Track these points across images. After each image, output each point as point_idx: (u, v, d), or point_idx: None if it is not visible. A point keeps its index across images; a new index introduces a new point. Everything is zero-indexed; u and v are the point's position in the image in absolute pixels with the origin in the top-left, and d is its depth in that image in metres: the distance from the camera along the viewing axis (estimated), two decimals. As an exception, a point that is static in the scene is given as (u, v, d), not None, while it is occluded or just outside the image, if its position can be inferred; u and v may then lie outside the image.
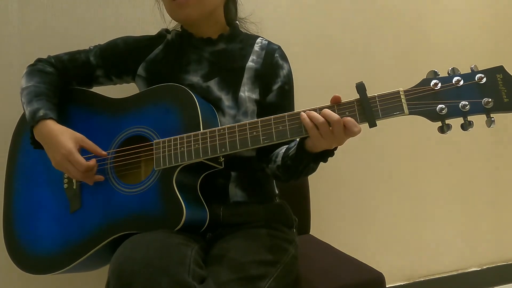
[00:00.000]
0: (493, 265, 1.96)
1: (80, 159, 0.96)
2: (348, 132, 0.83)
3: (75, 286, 1.38)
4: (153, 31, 1.18)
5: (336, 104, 0.85)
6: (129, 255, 0.80)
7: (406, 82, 0.88)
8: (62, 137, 0.97)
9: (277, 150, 1.07)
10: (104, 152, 1.01)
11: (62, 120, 1.03)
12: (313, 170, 0.98)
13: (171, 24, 1.21)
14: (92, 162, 0.97)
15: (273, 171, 1.06)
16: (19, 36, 1.35)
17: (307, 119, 0.85)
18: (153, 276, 0.76)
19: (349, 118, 0.83)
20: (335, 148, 0.91)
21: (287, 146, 1.03)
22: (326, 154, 0.91)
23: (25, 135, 1.11)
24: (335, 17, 1.69)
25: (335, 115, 0.83)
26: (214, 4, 1.08)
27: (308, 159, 0.92)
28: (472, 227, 1.92)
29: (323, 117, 0.83)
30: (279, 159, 1.02)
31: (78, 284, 1.39)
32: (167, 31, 1.18)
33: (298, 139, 0.93)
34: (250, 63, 1.11)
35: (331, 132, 0.83)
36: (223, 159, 0.99)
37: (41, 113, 0.99)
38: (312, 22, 1.66)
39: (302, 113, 0.86)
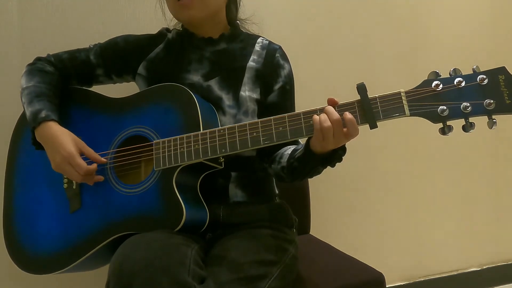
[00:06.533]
0: (493, 265, 1.96)
1: (81, 162, 0.96)
2: (348, 131, 0.83)
3: (75, 286, 1.39)
4: (153, 30, 1.18)
5: (336, 105, 0.86)
6: (129, 255, 0.80)
7: (408, 83, 0.88)
8: (64, 140, 0.97)
9: (281, 151, 1.07)
10: (103, 159, 1.00)
11: (62, 120, 1.03)
12: (319, 172, 0.98)
13: (172, 22, 1.21)
14: (93, 166, 0.97)
15: (276, 171, 1.06)
16: (19, 36, 1.34)
17: (316, 116, 0.85)
18: (153, 276, 0.76)
19: (350, 116, 0.83)
20: (344, 153, 0.91)
21: (293, 147, 1.03)
22: (334, 159, 0.91)
23: (25, 135, 1.11)
24: (335, 17, 1.68)
25: (336, 114, 0.83)
26: (217, 6, 1.08)
27: (315, 161, 0.92)
28: (472, 227, 1.92)
29: (326, 113, 0.84)
30: (284, 160, 1.02)
31: (78, 284, 1.39)
32: (167, 30, 1.18)
33: (305, 141, 0.93)
34: (251, 63, 1.11)
35: (336, 132, 0.83)
36: (223, 159, 0.99)
37: (43, 114, 0.99)
38: (313, 22, 1.65)
39: (315, 116, 0.85)
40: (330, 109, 0.84)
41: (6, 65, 1.33)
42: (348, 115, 0.83)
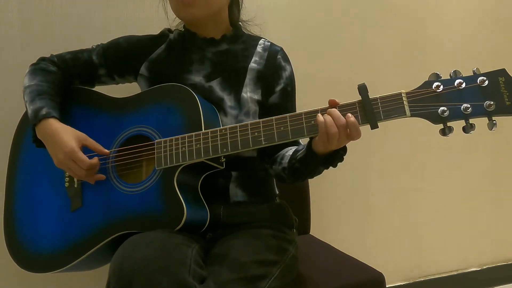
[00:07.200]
0: (493, 265, 1.96)
1: (83, 157, 0.96)
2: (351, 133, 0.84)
3: (75, 285, 1.38)
4: (155, 30, 1.18)
5: (337, 105, 0.86)
6: (129, 255, 0.80)
7: (408, 84, 0.88)
8: (65, 136, 0.97)
9: (281, 152, 1.07)
10: (106, 151, 1.01)
11: (64, 119, 1.03)
12: (319, 172, 0.98)
13: (174, 22, 1.21)
14: (95, 160, 0.98)
15: (277, 172, 1.06)
16: (19, 36, 1.34)
17: (321, 118, 0.84)
18: (153, 276, 0.76)
19: (353, 119, 0.83)
20: (345, 153, 0.91)
21: (294, 148, 1.03)
22: (336, 159, 0.91)
23: (27, 133, 1.11)
24: (336, 18, 1.68)
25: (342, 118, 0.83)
26: (219, 5, 1.09)
27: (317, 161, 0.92)
28: (472, 227, 1.92)
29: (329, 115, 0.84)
30: (286, 161, 1.02)
31: (78, 284, 1.39)
32: (169, 30, 1.18)
33: (307, 142, 0.93)
34: (252, 64, 1.11)
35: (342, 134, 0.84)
36: (224, 159, 0.99)
37: (43, 111, 0.99)
38: (314, 24, 1.65)
39: (319, 115, 0.85)
40: (336, 113, 0.84)
41: (6, 65, 1.33)
42: (351, 118, 0.83)
